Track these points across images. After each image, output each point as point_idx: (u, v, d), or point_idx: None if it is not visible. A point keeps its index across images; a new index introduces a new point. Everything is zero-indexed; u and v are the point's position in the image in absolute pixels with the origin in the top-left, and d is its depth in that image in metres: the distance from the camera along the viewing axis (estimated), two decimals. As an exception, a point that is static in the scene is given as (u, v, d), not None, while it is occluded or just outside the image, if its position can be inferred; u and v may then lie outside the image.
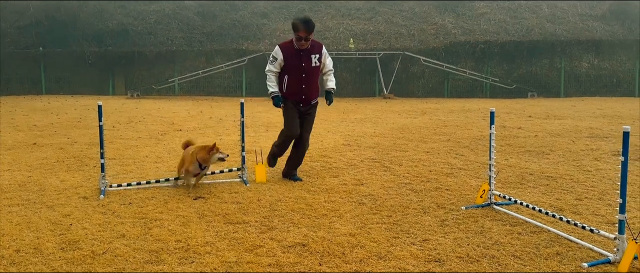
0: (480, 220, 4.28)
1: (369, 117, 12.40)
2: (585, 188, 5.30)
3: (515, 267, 3.29)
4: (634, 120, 11.08)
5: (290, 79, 5.56)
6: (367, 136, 9.09)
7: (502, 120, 11.21)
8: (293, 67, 5.52)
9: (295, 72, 5.53)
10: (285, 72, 5.56)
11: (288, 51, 5.53)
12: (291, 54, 5.52)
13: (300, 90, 5.58)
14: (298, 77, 5.54)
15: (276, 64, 5.55)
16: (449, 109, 14.50)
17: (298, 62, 5.51)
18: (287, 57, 5.51)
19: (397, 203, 4.78)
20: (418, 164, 6.61)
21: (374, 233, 3.96)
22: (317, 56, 5.60)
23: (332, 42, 21.74)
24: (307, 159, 6.95)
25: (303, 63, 5.51)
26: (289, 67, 5.54)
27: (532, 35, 21.50)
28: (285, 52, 5.51)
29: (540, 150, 7.55)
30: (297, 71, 5.53)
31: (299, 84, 5.56)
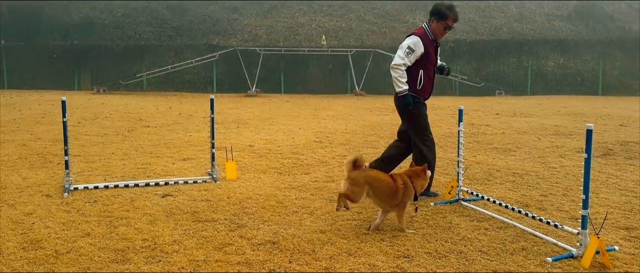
0: (448, 216, 4.33)
1: (341, 114, 12.43)
2: (550, 185, 5.43)
3: (482, 262, 3.34)
4: (597, 118, 11.42)
5: (426, 74, 4.89)
6: (338, 133, 9.11)
7: (470, 118, 11.39)
8: (429, 61, 4.87)
9: (430, 67, 4.91)
10: (420, 66, 4.86)
11: (426, 42, 4.84)
12: (428, 45, 4.85)
13: (431, 87, 5.00)
14: (432, 72, 4.96)
15: (412, 57, 4.80)
16: (419, 106, 14.64)
17: (434, 56, 4.91)
18: (426, 49, 4.83)
19: (367, 200, 4.78)
20: (389, 161, 6.64)
21: (344, 230, 3.96)
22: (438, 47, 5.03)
23: (304, 38, 21.70)
24: (278, 156, 6.93)
25: (436, 56, 4.97)
26: (424, 61, 4.85)
27: (500, 35, 21.92)
28: (425, 43, 4.83)
29: (507, 147, 7.70)
30: (431, 66, 4.92)
31: (432, 80, 4.97)
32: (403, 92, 4.85)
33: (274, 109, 13.69)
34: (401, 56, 4.83)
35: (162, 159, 6.72)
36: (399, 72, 4.84)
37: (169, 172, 5.97)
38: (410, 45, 4.79)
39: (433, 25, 4.91)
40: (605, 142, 8.02)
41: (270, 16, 23.62)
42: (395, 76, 4.86)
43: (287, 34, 22.16)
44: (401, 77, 4.83)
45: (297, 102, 15.76)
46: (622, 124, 10.29)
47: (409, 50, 4.80)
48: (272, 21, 23.12)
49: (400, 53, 4.85)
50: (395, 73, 4.86)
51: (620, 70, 20.69)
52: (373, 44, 21.03)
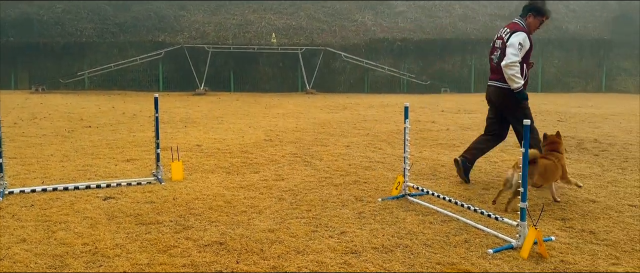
0: (395, 211, 4.41)
1: (291, 112, 12.41)
2: (492, 178, 5.64)
3: (426, 255, 3.42)
4: (537, 114, 11.94)
5: (526, 69, 5.23)
6: (288, 131, 9.09)
7: (417, 115, 11.66)
8: (529, 56, 5.21)
9: (528, 61, 5.24)
10: (524, 61, 5.14)
11: (529, 37, 5.13)
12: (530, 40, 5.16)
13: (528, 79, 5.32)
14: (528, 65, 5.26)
15: (522, 52, 5.05)
16: (368, 103, 14.85)
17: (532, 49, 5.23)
18: (531, 44, 5.14)
19: (317, 198, 4.81)
20: (338, 158, 6.70)
21: (293, 228, 3.95)
22: None
23: (254, 36, 21.52)
24: (227, 155, 6.84)
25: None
26: (527, 56, 5.16)
27: (446, 34, 22.54)
28: (529, 38, 5.12)
29: (451, 143, 7.93)
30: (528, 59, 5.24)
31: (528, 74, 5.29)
32: (520, 88, 5.11)
33: (223, 107, 13.51)
34: (515, 53, 5.01)
35: (104, 160, 6.48)
36: (515, 68, 5.02)
37: (111, 174, 5.76)
38: (520, 41, 5.02)
39: (530, 20, 5.19)
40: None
41: (218, 13, 23.27)
42: (512, 73, 5.04)
43: (237, 31, 21.89)
44: (518, 73, 5.04)
45: (247, 101, 15.61)
46: (560, 119, 10.82)
47: (520, 47, 5.01)
48: (221, 18, 22.79)
49: (513, 51, 5.03)
50: (512, 70, 5.03)
51: (558, 68, 21.76)
52: (323, 42, 21.13)
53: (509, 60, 5.01)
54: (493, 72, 5.46)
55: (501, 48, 5.21)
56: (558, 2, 25.64)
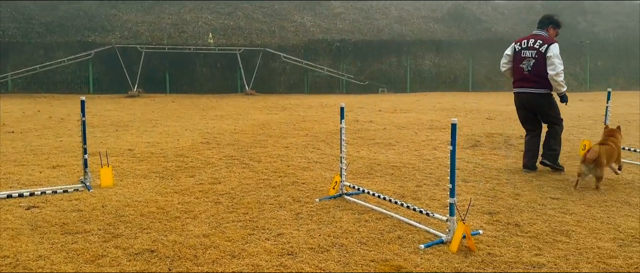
0: (332, 210, 4.45)
1: (230, 113, 12.24)
2: (425, 176, 5.82)
3: (361, 253, 3.48)
4: (467, 112, 12.46)
5: None
6: (227, 133, 8.96)
7: (355, 115, 11.83)
8: None
9: None
10: None
11: None
12: None
13: None
14: None
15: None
16: (308, 104, 14.91)
17: None
18: None
19: (254, 200, 4.77)
20: (277, 160, 6.68)
21: (229, 232, 3.90)
22: None
23: (190, 36, 21.04)
24: (161, 159, 6.64)
25: None
26: None
27: (382, 35, 23.03)
28: None
29: (387, 142, 8.11)
30: None
31: None
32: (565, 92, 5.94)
33: (158, 109, 13.11)
34: (561, 62, 5.74)
35: (28, 168, 6.11)
36: (562, 76, 5.74)
37: (35, 182, 5.44)
38: (558, 51, 5.76)
39: (551, 31, 5.96)
40: (473, 134, 8.77)
41: (152, 12, 22.57)
42: (561, 80, 5.73)
43: (172, 31, 21.31)
44: (564, 79, 5.79)
45: (183, 102, 15.24)
46: (489, 117, 11.33)
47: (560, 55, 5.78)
48: (155, 18, 22.11)
49: (559, 61, 5.73)
50: (561, 77, 5.72)
51: (488, 68, 22.77)
52: (262, 42, 20.99)
53: (559, 69, 5.70)
54: (526, 80, 5.95)
55: (536, 58, 5.82)
56: (488, 4, 26.86)
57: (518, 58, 5.98)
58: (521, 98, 6.05)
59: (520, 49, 5.98)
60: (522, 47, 5.96)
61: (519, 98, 6.08)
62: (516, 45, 6.03)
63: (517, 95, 6.10)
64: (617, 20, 26.26)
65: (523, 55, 5.92)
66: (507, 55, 6.09)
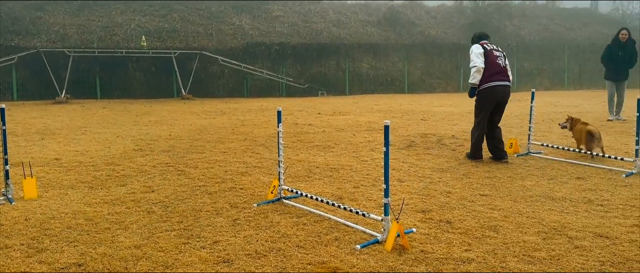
0: (270, 215, 4.43)
1: (165, 119, 11.90)
2: (362, 177, 5.91)
3: (298, 257, 3.48)
4: (403, 113, 12.79)
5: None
6: (161, 139, 8.70)
7: (295, 118, 11.84)
8: None
9: None
10: None
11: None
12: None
13: None
14: None
15: None
16: (247, 108, 14.77)
17: None
18: None
19: (190, 208, 4.66)
20: (214, 165, 6.56)
21: (162, 242, 3.78)
22: None
23: (122, 39, 20.26)
24: (90, 168, 6.35)
25: None
26: None
27: (321, 38, 23.21)
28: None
29: (326, 144, 8.18)
30: None
31: None
32: None
33: (88, 116, 12.53)
34: None
35: (-60, 181, 5.66)
36: None
37: (-52, 197, 5.04)
38: None
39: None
40: (408, 135, 9.01)
41: (81, 15, 21.55)
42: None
43: (102, 34, 20.43)
44: None
45: (115, 108, 14.66)
46: (423, 118, 11.68)
47: None
48: (84, 20, 21.12)
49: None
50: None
51: (422, 70, 23.49)
52: (199, 45, 20.57)
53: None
54: (503, 73, 6.55)
55: (504, 56, 6.70)
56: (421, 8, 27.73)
57: (492, 55, 6.52)
58: (500, 90, 6.51)
59: (490, 48, 6.56)
60: (491, 48, 6.59)
61: (497, 91, 6.50)
62: (485, 45, 6.59)
63: (496, 88, 6.49)
64: (541, 23, 27.87)
65: (495, 53, 6.56)
66: (481, 53, 6.49)
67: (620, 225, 4.15)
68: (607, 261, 3.43)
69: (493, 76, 6.47)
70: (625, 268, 3.31)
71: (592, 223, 4.20)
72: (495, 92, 6.49)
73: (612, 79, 11.06)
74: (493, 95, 6.50)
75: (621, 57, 10.81)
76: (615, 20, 28.55)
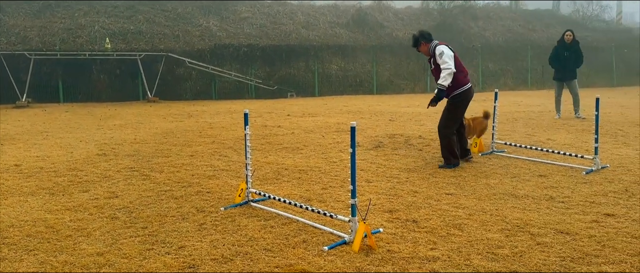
0: (237, 219, 4.39)
1: (130, 122, 11.66)
2: (331, 178, 5.92)
3: (265, 260, 3.46)
4: (372, 114, 12.89)
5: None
6: (126, 143, 8.52)
7: (264, 120, 11.79)
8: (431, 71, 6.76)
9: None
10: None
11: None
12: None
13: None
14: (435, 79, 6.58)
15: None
16: (216, 110, 14.62)
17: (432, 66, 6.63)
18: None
19: (155, 213, 4.58)
20: (181, 169, 6.47)
21: (126, 248, 3.70)
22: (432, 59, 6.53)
23: (85, 41, 19.76)
24: (51, 174, 6.16)
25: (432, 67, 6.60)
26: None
27: (290, 40, 23.18)
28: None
29: (295, 146, 8.16)
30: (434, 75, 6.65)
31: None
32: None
33: (50, 120, 12.17)
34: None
35: None
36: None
37: None
38: None
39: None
40: (377, 135, 9.08)
41: (43, 16, 20.93)
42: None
43: (65, 36, 19.89)
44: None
45: (78, 112, 14.28)
46: (391, 119, 11.80)
47: None
48: (46, 22, 20.52)
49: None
50: None
51: (390, 71, 23.72)
52: (165, 47, 20.24)
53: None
54: (467, 74, 6.68)
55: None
56: (389, 10, 28.01)
57: (457, 57, 6.56)
58: (471, 92, 6.63)
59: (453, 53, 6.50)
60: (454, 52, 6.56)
61: (470, 93, 6.60)
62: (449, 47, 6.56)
63: (469, 91, 6.58)
64: (505, 25, 28.52)
65: (456, 55, 6.56)
66: (452, 55, 6.43)
67: (580, 221, 4.28)
68: (567, 256, 3.53)
69: (464, 79, 6.54)
70: (585, 263, 3.41)
71: (553, 220, 4.32)
72: (468, 94, 6.58)
73: (560, 79, 11.49)
74: (467, 98, 6.59)
75: (567, 57, 11.26)
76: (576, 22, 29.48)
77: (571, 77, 11.38)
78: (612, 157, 6.97)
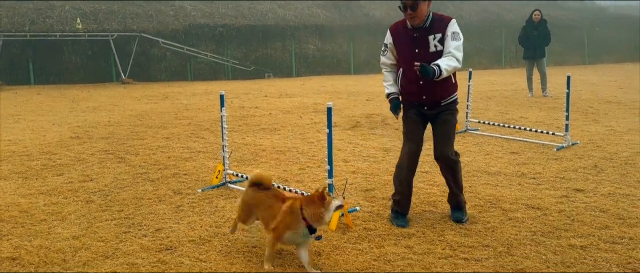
0: (215, 200, 4.39)
1: (104, 104, 11.45)
2: (308, 158, 5.95)
3: (244, 241, 3.48)
4: (349, 95, 12.92)
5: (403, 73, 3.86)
6: (100, 126, 8.38)
7: (241, 101, 11.71)
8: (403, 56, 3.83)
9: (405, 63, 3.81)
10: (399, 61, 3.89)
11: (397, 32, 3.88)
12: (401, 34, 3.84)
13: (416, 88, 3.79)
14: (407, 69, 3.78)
15: (388, 52, 3.92)
16: (192, 91, 14.44)
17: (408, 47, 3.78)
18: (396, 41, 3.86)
19: (131, 196, 4.54)
20: (156, 151, 6.41)
21: (102, 231, 3.68)
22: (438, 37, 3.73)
23: (56, 21, 19.20)
24: (23, 158, 6.05)
25: (416, 49, 3.74)
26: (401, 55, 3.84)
27: (267, 20, 22.92)
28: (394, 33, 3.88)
29: (273, 127, 8.15)
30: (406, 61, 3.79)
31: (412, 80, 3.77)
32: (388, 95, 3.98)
33: (21, 103, 11.87)
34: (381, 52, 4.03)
35: None
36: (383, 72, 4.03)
37: None
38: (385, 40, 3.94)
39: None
40: (354, 115, 9.12)
41: (9, -4, 20.23)
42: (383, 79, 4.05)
43: (35, 16, 19.28)
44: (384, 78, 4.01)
45: (51, 94, 13.95)
46: (368, 99, 11.84)
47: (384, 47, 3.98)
48: (15, 2, 19.83)
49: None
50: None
51: (367, 51, 23.72)
52: (139, 27, 19.82)
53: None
54: None
55: None
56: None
57: None
58: None
59: None
60: None
61: None
62: None
63: None
64: (480, 4, 28.69)
65: None
66: None
67: (550, 196, 4.41)
68: (538, 231, 3.64)
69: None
70: (554, 237, 3.53)
71: (524, 195, 4.44)
72: None
73: (530, 57, 11.73)
74: None
75: (536, 36, 11.50)
76: (551, 1, 29.84)
77: (541, 55, 11.61)
78: (583, 133, 7.16)
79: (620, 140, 6.69)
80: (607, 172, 5.16)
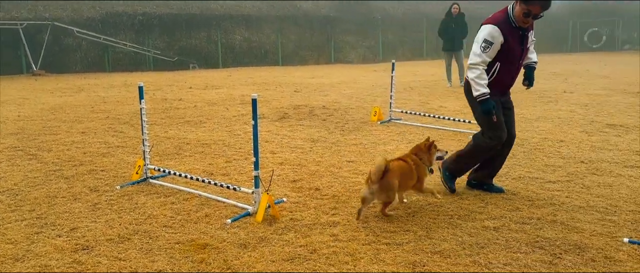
0: (134, 197, 4.22)
1: (13, 98, 10.64)
2: (235, 151, 5.87)
3: (166, 237, 3.38)
4: (277, 86, 12.87)
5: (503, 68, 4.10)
6: (9, 121, 7.78)
7: (164, 93, 11.31)
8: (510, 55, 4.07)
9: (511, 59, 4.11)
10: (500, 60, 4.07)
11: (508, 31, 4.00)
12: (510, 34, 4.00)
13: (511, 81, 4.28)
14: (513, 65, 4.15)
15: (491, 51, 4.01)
16: (109, 83, 13.75)
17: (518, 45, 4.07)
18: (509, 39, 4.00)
19: (43, 194, 4.27)
20: (71, 147, 6.05)
21: (11, 233, 3.43)
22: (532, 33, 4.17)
23: (-47, 7, 17.54)
24: None
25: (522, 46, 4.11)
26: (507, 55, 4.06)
27: (191, 9, 22.24)
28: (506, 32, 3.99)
29: (198, 119, 7.95)
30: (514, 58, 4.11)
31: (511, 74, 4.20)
32: (482, 96, 4.07)
33: None
34: (476, 52, 4.05)
35: None
36: (476, 71, 4.07)
37: None
38: (485, 37, 4.00)
39: (516, 8, 3.99)
40: (282, 107, 9.10)
41: None
42: (473, 77, 4.09)
43: None
44: (479, 77, 4.06)
45: (-50, 87, 12.74)
46: (296, 90, 11.86)
47: (485, 44, 4.00)
48: None
49: (475, 48, 4.06)
50: (473, 73, 4.09)
51: (295, 42, 23.73)
52: (51, 16, 18.55)
53: (471, 60, 4.12)
54: None
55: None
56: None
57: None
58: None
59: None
60: None
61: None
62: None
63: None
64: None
65: None
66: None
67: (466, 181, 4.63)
68: (455, 214, 3.83)
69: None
70: (470, 220, 3.72)
71: (443, 181, 4.63)
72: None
73: (449, 49, 12.35)
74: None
75: (454, 29, 12.13)
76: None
77: (459, 47, 12.21)
78: (496, 122, 7.59)
79: (530, 126, 7.16)
80: (518, 157, 5.51)
